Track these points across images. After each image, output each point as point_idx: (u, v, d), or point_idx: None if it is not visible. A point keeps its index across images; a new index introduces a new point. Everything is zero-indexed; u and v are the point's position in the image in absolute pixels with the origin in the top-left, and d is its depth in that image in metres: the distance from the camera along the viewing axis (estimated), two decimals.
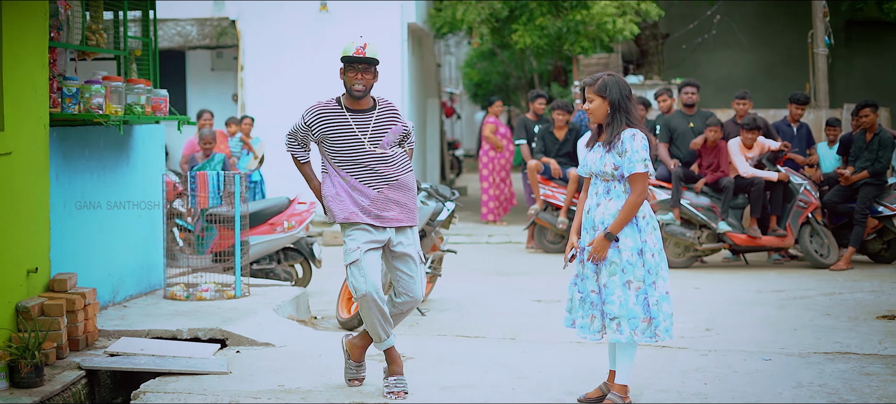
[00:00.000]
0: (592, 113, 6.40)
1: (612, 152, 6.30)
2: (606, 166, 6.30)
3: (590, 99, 6.38)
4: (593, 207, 6.39)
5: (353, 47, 6.85)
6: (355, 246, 6.71)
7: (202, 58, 20.69)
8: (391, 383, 6.79)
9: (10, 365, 6.80)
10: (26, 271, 7.57)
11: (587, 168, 6.47)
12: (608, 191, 6.34)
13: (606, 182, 6.35)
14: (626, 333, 6.21)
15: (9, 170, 7.36)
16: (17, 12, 7.38)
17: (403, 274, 6.84)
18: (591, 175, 6.46)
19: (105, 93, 8.40)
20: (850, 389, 6.91)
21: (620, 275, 6.24)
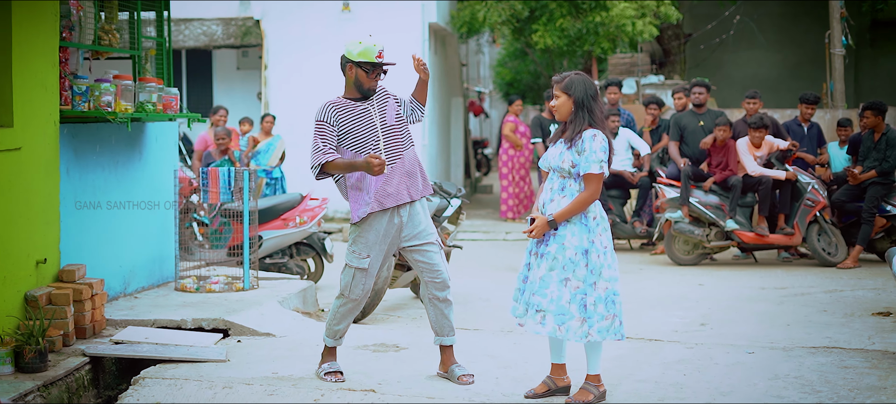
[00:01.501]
0: (557, 109, 6.49)
1: (571, 150, 6.39)
2: (564, 162, 6.40)
3: (556, 95, 6.48)
4: (547, 202, 6.48)
5: (376, 51, 7.06)
6: (366, 253, 6.93)
7: (228, 57, 21.05)
8: (325, 368, 7.12)
9: (16, 351, 7.10)
10: (35, 262, 7.89)
11: (546, 162, 6.54)
12: (563, 188, 6.44)
13: (563, 178, 6.45)
14: (550, 327, 6.33)
15: (19, 165, 7.68)
16: (27, 13, 7.69)
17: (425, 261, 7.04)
18: (549, 169, 6.55)
19: (116, 91, 8.70)
20: (824, 381, 7.09)
21: (560, 271, 6.34)
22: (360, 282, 6.96)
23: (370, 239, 6.94)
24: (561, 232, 6.38)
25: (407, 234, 7.00)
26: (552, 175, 6.54)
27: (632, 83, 19.98)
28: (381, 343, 8.33)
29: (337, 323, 7.11)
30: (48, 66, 8.02)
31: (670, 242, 13.61)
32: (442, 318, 7.12)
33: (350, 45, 7.11)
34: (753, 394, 6.78)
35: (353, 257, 6.97)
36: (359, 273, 6.96)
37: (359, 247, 6.96)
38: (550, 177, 6.57)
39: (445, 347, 7.17)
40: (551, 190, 6.51)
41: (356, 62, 7.07)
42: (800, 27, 24.74)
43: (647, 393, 6.82)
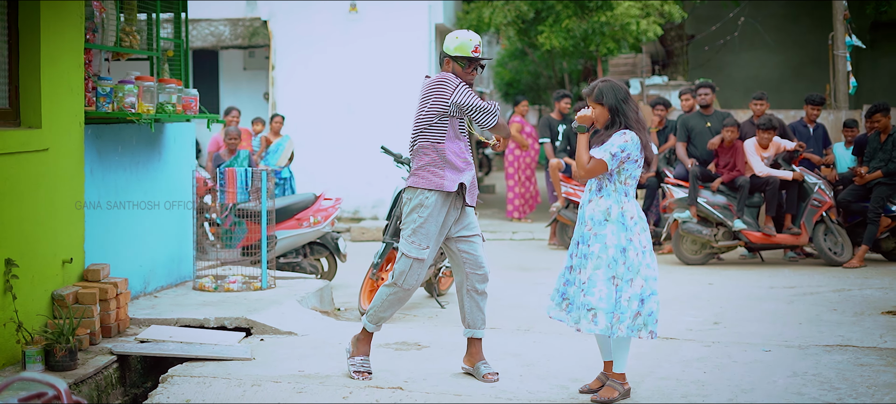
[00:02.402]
0: (597, 120, 6.69)
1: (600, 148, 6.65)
2: None
3: (591, 107, 6.71)
4: (585, 203, 6.73)
5: (471, 46, 7.07)
6: (426, 244, 7.03)
7: (235, 57, 21.15)
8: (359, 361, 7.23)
9: (46, 350, 7.22)
10: (62, 261, 8.00)
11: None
12: (600, 189, 6.67)
13: (599, 180, 6.68)
14: (602, 325, 6.46)
15: (46, 166, 7.79)
16: (54, 16, 7.80)
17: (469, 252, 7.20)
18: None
19: (138, 92, 8.82)
20: (842, 379, 7.22)
21: (605, 269, 6.51)
22: (415, 273, 7.06)
23: (431, 230, 7.04)
24: (601, 231, 6.57)
25: (457, 226, 7.14)
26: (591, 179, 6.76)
27: (635, 84, 20.12)
28: (402, 341, 8.44)
29: (382, 311, 7.21)
30: (74, 67, 8.12)
31: (678, 242, 13.74)
32: (476, 311, 7.26)
33: (448, 40, 7.15)
34: (774, 392, 6.90)
35: (413, 248, 7.05)
36: (416, 264, 7.05)
37: (419, 237, 7.04)
38: (588, 182, 6.80)
39: (475, 340, 7.28)
40: (589, 190, 6.74)
41: (453, 57, 7.10)
42: (801, 28, 24.90)
43: (670, 390, 6.94)
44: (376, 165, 18.04)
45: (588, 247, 6.61)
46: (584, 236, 6.66)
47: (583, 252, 6.65)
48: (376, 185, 18.55)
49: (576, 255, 6.72)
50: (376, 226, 17.60)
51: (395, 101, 18.59)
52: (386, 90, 18.69)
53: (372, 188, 18.60)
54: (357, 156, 18.61)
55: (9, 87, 7.61)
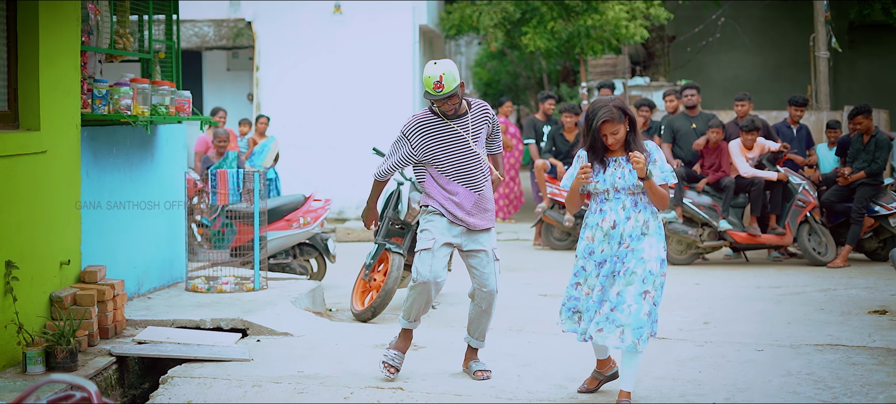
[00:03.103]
0: (618, 139, 6.42)
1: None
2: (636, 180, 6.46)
3: (614, 131, 6.39)
4: (622, 221, 6.48)
5: (431, 83, 7.07)
6: (432, 237, 7.19)
7: (218, 58, 21.16)
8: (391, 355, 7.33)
9: (47, 351, 7.24)
10: (59, 263, 8.02)
11: (605, 184, 6.52)
12: (636, 204, 6.50)
13: (633, 195, 6.49)
14: (629, 341, 6.35)
15: (44, 168, 7.81)
16: (52, 18, 7.82)
17: (477, 268, 7.30)
18: (607, 190, 6.53)
19: (132, 94, 8.85)
20: (836, 377, 7.33)
21: (639, 285, 6.39)
22: (425, 262, 7.16)
23: (435, 229, 7.21)
24: (639, 245, 6.45)
25: (468, 239, 7.25)
26: (618, 195, 6.53)
27: (618, 85, 20.23)
28: None
29: (409, 307, 7.34)
30: (71, 69, 8.15)
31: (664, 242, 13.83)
32: (477, 324, 7.42)
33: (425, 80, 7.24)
34: (769, 390, 7.00)
35: (421, 241, 7.24)
36: (425, 253, 7.18)
37: (425, 235, 7.23)
38: (615, 196, 6.54)
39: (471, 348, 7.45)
40: (624, 208, 6.52)
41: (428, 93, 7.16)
42: (780, 30, 25.09)
43: (668, 389, 7.03)
44: (361, 166, 18.10)
45: (622, 264, 6.46)
46: (620, 254, 6.49)
47: (610, 270, 6.51)
48: (360, 186, 18.51)
49: (597, 275, 6.55)
50: (361, 227, 17.65)
51: (379, 102, 18.67)
52: (370, 91, 18.76)
53: (356, 189, 18.64)
54: (341, 157, 18.67)
55: (7, 90, 7.63)
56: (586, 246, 6.63)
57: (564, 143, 15.47)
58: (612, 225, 6.50)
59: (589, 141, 6.51)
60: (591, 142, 6.49)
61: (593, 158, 6.53)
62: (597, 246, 6.56)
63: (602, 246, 6.54)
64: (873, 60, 25.43)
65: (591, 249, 6.60)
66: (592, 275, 6.59)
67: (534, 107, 25.38)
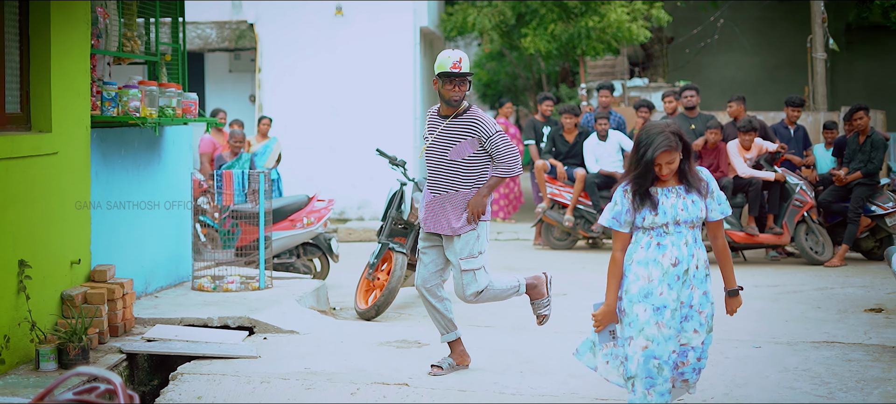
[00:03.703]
0: (672, 169, 5.71)
1: (695, 195, 5.79)
2: (700, 212, 5.79)
3: (670, 161, 5.67)
4: (686, 257, 5.72)
5: (450, 62, 7.34)
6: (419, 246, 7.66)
7: (220, 59, 21.31)
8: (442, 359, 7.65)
9: (59, 348, 7.39)
10: (70, 262, 8.17)
11: (668, 216, 5.74)
12: (696, 239, 5.80)
13: (693, 228, 5.78)
14: (695, 387, 6.04)
15: (55, 169, 7.96)
16: (63, 22, 7.97)
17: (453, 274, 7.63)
18: (666, 224, 5.75)
19: (141, 96, 9.01)
20: (832, 373, 7.49)
21: (708, 329, 5.91)
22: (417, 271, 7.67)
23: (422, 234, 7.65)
24: (706, 286, 5.85)
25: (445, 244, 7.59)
26: (679, 229, 5.76)
27: (617, 86, 20.40)
28: (402, 339, 8.67)
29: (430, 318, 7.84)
30: (81, 72, 8.30)
31: None
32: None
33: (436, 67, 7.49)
34: (767, 386, 7.17)
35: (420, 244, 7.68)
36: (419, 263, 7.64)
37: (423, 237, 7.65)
38: (675, 230, 5.76)
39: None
40: (685, 244, 5.76)
41: (437, 76, 7.41)
42: (778, 31, 25.26)
43: None
44: (361, 167, 18.30)
45: (690, 307, 5.78)
46: (684, 297, 5.75)
47: (682, 315, 5.77)
48: (361, 187, 18.76)
49: (658, 322, 5.67)
50: (363, 227, 17.82)
51: (380, 103, 18.83)
52: (371, 92, 18.91)
53: (356, 190, 18.81)
54: (342, 158, 18.82)
55: (20, 92, 7.78)
56: (642, 288, 5.70)
57: (564, 144, 15.62)
58: (673, 262, 5.70)
59: (640, 170, 5.72)
60: (643, 171, 5.71)
61: (640, 190, 5.74)
62: (656, 287, 5.69)
63: (661, 287, 5.69)
64: (870, 61, 25.61)
65: (648, 291, 5.69)
66: (651, 323, 5.66)
67: (533, 107, 25.54)
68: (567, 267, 13.79)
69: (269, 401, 6.91)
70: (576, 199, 15.04)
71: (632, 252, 5.80)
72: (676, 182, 5.82)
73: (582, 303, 10.68)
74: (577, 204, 15.07)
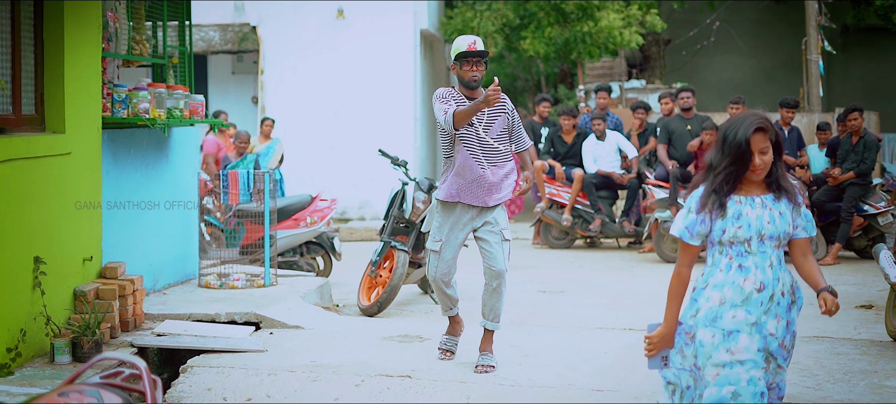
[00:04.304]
0: (766, 163, 4.88)
1: (785, 205, 5.00)
2: (788, 226, 5.00)
3: (764, 149, 4.84)
4: (772, 282, 4.94)
5: (466, 44, 7.63)
6: (439, 237, 7.78)
7: (223, 61, 21.55)
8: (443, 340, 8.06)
9: (73, 342, 7.65)
10: (82, 259, 8.42)
11: (752, 229, 4.94)
12: (780, 261, 5.03)
13: (779, 248, 5.01)
14: None
15: (68, 169, 8.21)
16: (75, 27, 8.22)
17: (486, 249, 7.73)
18: (749, 239, 4.94)
19: (150, 98, 9.26)
20: (820, 366, 7.75)
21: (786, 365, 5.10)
22: (433, 262, 7.77)
23: (442, 228, 7.78)
24: (790, 316, 5.03)
25: (479, 221, 7.71)
26: (763, 247, 4.97)
27: (614, 87, 20.66)
28: (404, 334, 8.92)
29: (440, 302, 8.08)
30: (93, 75, 8.54)
31: (659, 241, 14.25)
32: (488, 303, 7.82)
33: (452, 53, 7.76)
34: None
35: (430, 242, 7.84)
36: (433, 255, 7.79)
37: (434, 233, 7.82)
38: (761, 251, 4.96)
39: (487, 331, 7.84)
40: (770, 267, 4.96)
41: (454, 61, 7.68)
42: (774, 33, 25.51)
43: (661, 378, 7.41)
44: (362, 167, 18.54)
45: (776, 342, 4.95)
46: (774, 329, 4.93)
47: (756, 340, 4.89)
48: (362, 187, 19.00)
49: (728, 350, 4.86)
50: (364, 227, 18.07)
51: (381, 104, 19.09)
52: (372, 94, 19.16)
53: (358, 190, 19.04)
54: (343, 159, 19.06)
55: (35, 94, 8.03)
56: (710, 310, 4.93)
57: (563, 145, 15.87)
58: (758, 286, 4.90)
59: (727, 160, 4.89)
60: (731, 160, 4.87)
61: (726, 188, 4.93)
62: (727, 309, 4.90)
63: (735, 311, 4.89)
64: (866, 63, 25.87)
65: (717, 315, 4.90)
66: (720, 350, 4.86)
67: (531, 109, 25.78)
68: (565, 265, 14.05)
69: (277, 392, 7.16)
70: (574, 199, 15.30)
71: (708, 274, 5.00)
72: (764, 189, 4.97)
73: (579, 300, 11.00)
74: (575, 203, 15.34)
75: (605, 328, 9.47)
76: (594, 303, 10.99)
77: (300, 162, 18.48)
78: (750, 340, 4.85)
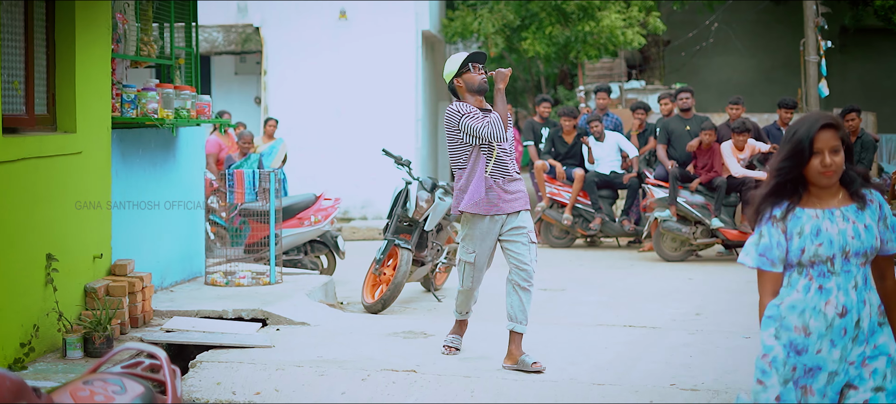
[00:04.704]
0: (838, 164, 4.38)
1: (870, 215, 4.47)
2: (876, 240, 4.44)
3: (835, 148, 4.35)
4: (856, 306, 4.37)
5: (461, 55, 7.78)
6: (472, 249, 7.81)
7: (226, 62, 21.71)
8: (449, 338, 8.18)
9: (85, 337, 7.82)
10: (93, 257, 8.58)
11: (835, 247, 4.39)
12: (866, 280, 4.45)
13: (864, 265, 4.44)
14: None
15: (79, 168, 8.37)
16: (86, 28, 8.38)
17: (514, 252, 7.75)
18: (832, 257, 4.39)
19: (158, 98, 9.43)
20: None
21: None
22: (469, 273, 7.88)
23: (474, 237, 7.77)
24: (880, 340, 4.43)
25: (506, 227, 7.75)
26: (848, 266, 4.42)
27: (614, 88, 20.82)
28: (409, 330, 9.07)
29: (459, 304, 8.18)
30: (103, 75, 8.71)
31: (659, 240, 14.42)
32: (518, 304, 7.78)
33: (446, 75, 7.83)
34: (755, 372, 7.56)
35: (462, 252, 7.90)
36: (467, 266, 7.86)
37: (465, 244, 7.85)
38: (844, 270, 4.41)
39: (516, 335, 7.76)
40: (855, 288, 4.40)
41: (456, 75, 7.75)
42: (772, 34, 25.67)
43: (661, 372, 7.60)
44: (364, 167, 18.70)
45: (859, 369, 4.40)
46: (853, 357, 4.41)
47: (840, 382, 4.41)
48: (364, 186, 19.15)
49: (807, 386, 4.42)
50: (366, 226, 18.23)
51: (383, 105, 19.25)
52: (374, 94, 19.33)
53: (359, 189, 19.19)
54: (345, 159, 19.21)
55: (46, 95, 8.19)
56: (792, 340, 4.44)
57: (563, 145, 16.03)
58: (841, 311, 4.37)
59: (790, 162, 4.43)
60: (795, 162, 4.41)
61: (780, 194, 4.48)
62: (813, 342, 4.38)
63: (821, 344, 4.38)
64: (864, 64, 26.04)
65: (802, 346, 4.41)
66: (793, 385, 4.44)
67: (531, 109, 25.93)
68: (565, 264, 14.22)
69: (285, 386, 7.33)
70: (574, 198, 15.47)
71: (783, 294, 4.51)
72: (843, 200, 4.47)
73: (579, 298, 11.15)
74: (576, 203, 15.52)
75: (605, 325, 9.62)
76: (594, 300, 11.15)
77: (302, 162, 18.64)
78: (830, 384, 4.38)
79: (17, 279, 7.48)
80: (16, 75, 7.78)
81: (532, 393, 7.15)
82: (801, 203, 4.44)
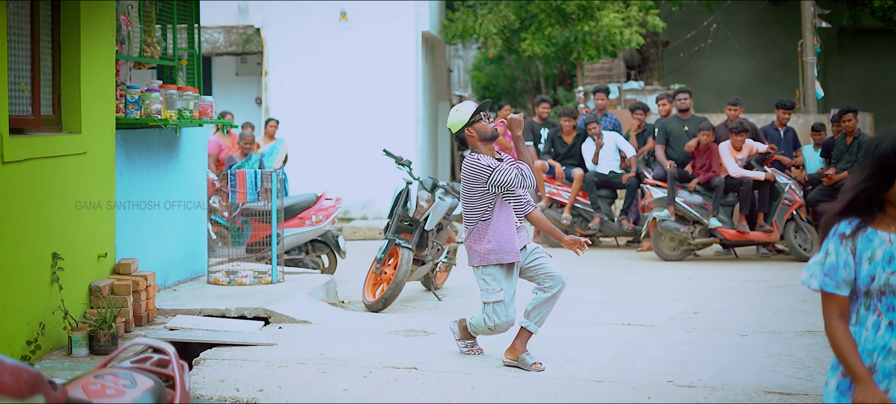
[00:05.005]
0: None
1: None
2: None
3: None
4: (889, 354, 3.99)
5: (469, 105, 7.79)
6: (499, 287, 7.71)
7: (227, 63, 21.81)
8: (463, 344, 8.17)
9: (90, 335, 7.92)
10: (97, 256, 8.69)
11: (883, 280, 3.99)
12: None
13: None
14: None
15: (84, 168, 8.47)
16: (91, 30, 8.49)
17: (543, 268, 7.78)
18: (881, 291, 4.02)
19: (162, 99, 9.53)
20: (812, 358, 8.02)
21: None
22: (501, 313, 7.73)
23: (499, 279, 7.71)
24: None
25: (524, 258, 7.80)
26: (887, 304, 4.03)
27: (613, 89, 20.92)
28: (409, 329, 9.18)
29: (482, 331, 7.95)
30: (107, 77, 8.82)
31: (657, 239, 14.52)
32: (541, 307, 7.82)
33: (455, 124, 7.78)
34: (751, 369, 7.68)
35: (489, 295, 7.73)
36: (498, 305, 7.72)
37: (491, 284, 7.71)
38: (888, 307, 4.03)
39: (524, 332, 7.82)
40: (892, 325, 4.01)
41: (467, 124, 7.71)
42: (770, 35, 25.76)
43: (659, 369, 7.70)
44: (364, 167, 18.80)
45: None
46: None
47: None
48: (364, 186, 19.25)
49: None
50: (367, 226, 18.32)
51: (383, 105, 19.35)
52: (374, 95, 19.43)
53: (360, 189, 19.29)
54: (346, 159, 19.31)
55: (52, 96, 8.30)
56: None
57: (563, 146, 16.13)
58: (873, 353, 4.03)
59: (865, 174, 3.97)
60: (875, 183, 3.95)
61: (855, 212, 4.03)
62: (878, 382, 4.01)
63: (889, 384, 4.01)
64: (862, 64, 26.13)
65: None
66: None
67: (531, 110, 26.03)
68: (564, 263, 14.16)
69: (288, 384, 7.43)
70: (573, 198, 15.58)
71: (855, 334, 4.11)
72: None
73: (578, 297, 11.23)
74: (575, 202, 15.62)
75: (603, 323, 9.73)
76: (593, 299, 11.25)
77: (303, 162, 18.73)
78: None
79: (24, 277, 7.59)
80: (22, 77, 7.88)
81: (532, 390, 7.26)
82: (873, 223, 4.00)
